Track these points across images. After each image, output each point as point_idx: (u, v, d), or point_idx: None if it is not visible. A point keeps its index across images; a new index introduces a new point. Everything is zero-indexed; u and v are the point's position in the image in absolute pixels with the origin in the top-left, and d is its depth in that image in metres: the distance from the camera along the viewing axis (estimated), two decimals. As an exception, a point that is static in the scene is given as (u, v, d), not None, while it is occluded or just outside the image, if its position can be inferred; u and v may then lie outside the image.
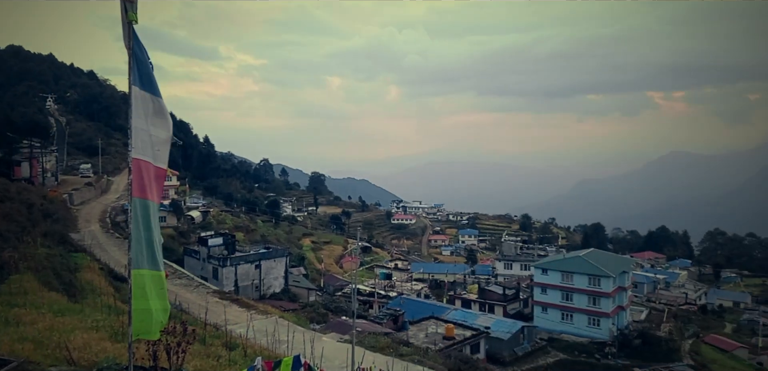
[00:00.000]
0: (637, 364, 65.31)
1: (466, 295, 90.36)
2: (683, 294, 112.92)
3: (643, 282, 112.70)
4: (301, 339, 24.30)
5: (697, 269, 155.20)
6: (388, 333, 46.34)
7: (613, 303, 75.54)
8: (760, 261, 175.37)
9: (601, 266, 77.00)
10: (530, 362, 62.60)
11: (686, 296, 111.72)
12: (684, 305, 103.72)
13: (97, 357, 13.22)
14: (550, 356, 65.78)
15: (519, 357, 62.87)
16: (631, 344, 71.41)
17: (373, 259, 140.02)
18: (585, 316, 76.03)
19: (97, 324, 18.07)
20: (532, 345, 67.41)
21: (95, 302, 24.01)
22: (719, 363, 69.92)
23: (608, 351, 69.00)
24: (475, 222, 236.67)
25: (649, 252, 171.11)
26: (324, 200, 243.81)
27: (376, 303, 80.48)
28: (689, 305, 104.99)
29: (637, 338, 73.04)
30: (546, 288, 79.89)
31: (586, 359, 66.73)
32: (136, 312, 7.76)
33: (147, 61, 8.00)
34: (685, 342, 77.32)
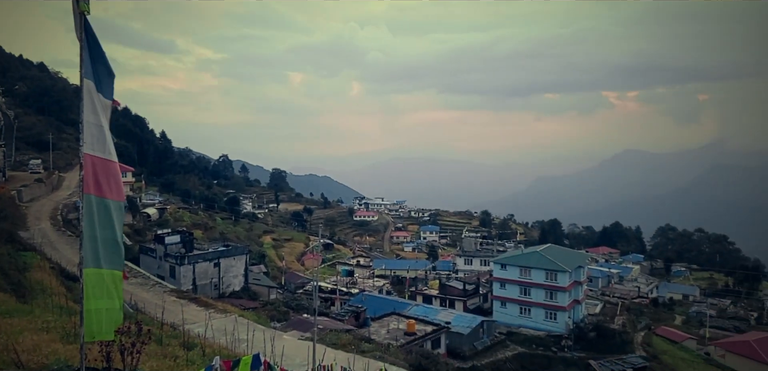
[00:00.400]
0: (592, 356, 67.21)
1: (428, 291, 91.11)
2: (636, 288, 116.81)
3: (597, 276, 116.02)
4: (261, 338, 24.06)
5: (649, 264, 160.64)
6: (349, 329, 46.34)
7: (569, 297, 77.46)
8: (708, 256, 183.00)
9: (557, 261, 78.78)
10: (489, 356, 63.66)
11: (638, 289, 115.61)
12: (636, 298, 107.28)
13: (48, 360, 12.78)
14: (508, 349, 67.03)
15: (479, 351, 63.84)
16: (586, 337, 73.41)
17: (335, 256, 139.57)
18: (542, 310, 77.70)
19: (48, 325, 17.44)
20: (491, 339, 68.55)
21: (46, 302, 23.15)
22: (669, 353, 72.66)
23: (564, 344, 70.76)
24: (436, 219, 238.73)
25: (603, 247, 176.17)
26: (285, 197, 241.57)
27: (337, 300, 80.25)
28: (641, 298, 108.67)
29: (592, 331, 75.13)
30: (505, 283, 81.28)
31: (544, 352, 68.27)
32: (88, 312, 7.54)
33: (101, 54, 7.77)
34: (638, 334, 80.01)
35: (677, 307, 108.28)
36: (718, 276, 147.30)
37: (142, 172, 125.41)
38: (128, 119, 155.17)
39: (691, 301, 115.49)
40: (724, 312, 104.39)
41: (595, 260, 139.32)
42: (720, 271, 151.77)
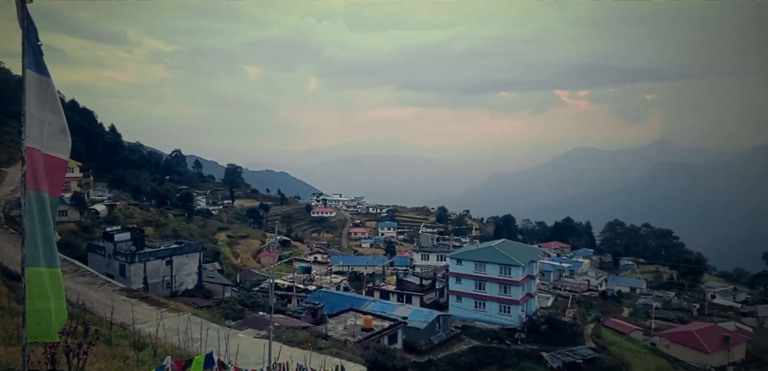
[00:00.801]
0: (544, 349, 69.02)
1: (385, 287, 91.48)
2: (586, 281, 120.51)
3: (549, 270, 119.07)
4: (215, 337, 23.69)
5: (598, 258, 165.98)
6: (306, 327, 46.08)
7: (522, 291, 79.25)
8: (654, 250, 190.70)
9: (511, 255, 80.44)
10: (445, 350, 64.50)
11: (588, 283, 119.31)
12: (586, 291, 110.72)
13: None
14: (464, 343, 68.05)
15: (435, 346, 64.60)
16: (538, 329, 75.31)
17: (292, 253, 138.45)
18: (497, 304, 79.22)
19: (-12, 327, 16.68)
20: (447, 333, 69.45)
21: (-15, 303, 22.12)
22: (618, 344, 75.34)
23: (518, 336, 72.40)
24: (394, 215, 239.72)
25: (555, 242, 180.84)
26: (241, 193, 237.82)
27: (294, 297, 79.71)
28: (591, 291, 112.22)
29: (545, 323, 77.12)
30: (460, 278, 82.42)
31: (498, 345, 69.67)
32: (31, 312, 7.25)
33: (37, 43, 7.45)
34: (588, 326, 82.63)
35: (625, 299, 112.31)
36: (663, 269, 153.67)
37: (90, 167, 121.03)
38: (75, 112, 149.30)
39: (638, 294, 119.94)
40: (669, 304, 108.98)
41: (547, 255, 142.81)
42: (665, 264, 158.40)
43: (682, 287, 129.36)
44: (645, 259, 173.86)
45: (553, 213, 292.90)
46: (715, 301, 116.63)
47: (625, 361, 68.82)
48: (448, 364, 60.15)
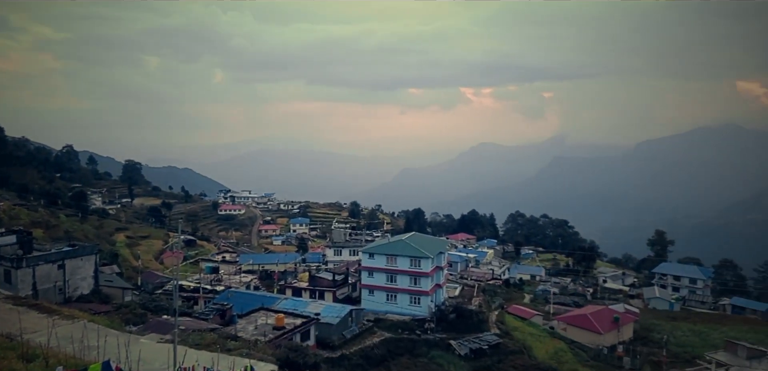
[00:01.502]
0: (452, 337, 71.46)
1: (297, 284, 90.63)
2: (490, 270, 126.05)
3: (457, 261, 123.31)
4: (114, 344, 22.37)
5: (501, 248, 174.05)
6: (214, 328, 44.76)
7: (431, 282, 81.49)
8: (551, 239, 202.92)
9: (421, 248, 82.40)
10: (358, 343, 65.01)
11: (493, 272, 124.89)
12: (491, 280, 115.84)
13: None
14: (376, 336, 68.93)
15: (347, 340, 64.92)
16: (447, 318, 77.80)
17: (199, 252, 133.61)
18: (407, 296, 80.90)
19: None
20: (359, 326, 70.01)
21: None
22: (520, 330, 79.55)
23: (427, 326, 74.40)
24: (306, 211, 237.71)
25: (462, 234, 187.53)
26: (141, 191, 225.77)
27: (201, 298, 77.04)
28: (495, 280, 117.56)
29: (452, 312, 79.79)
30: (373, 272, 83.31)
31: (409, 336, 71.22)
32: None
33: None
34: (492, 313, 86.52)
35: (526, 286, 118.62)
36: (560, 257, 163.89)
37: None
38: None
39: (537, 280, 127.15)
40: (566, 289, 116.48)
41: (454, 246, 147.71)
42: (562, 252, 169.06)
43: (577, 273, 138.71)
44: (544, 248, 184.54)
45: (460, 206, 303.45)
46: (607, 285, 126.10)
47: (527, 345, 72.86)
48: (360, 357, 60.72)
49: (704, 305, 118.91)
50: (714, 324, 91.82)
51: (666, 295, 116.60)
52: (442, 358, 65.56)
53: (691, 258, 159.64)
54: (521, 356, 68.67)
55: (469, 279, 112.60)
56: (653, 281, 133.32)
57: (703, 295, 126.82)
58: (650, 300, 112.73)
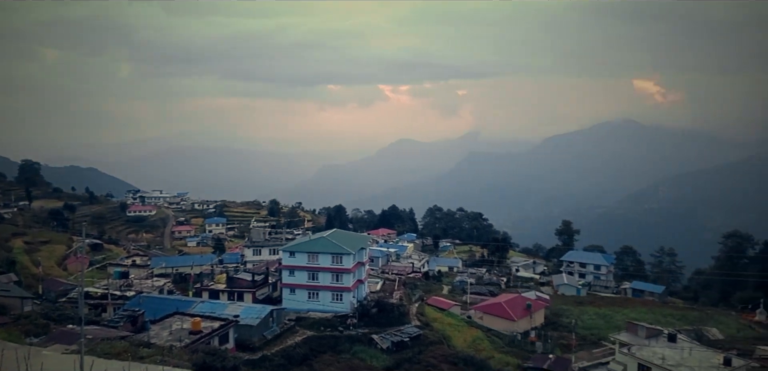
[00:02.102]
0: (374, 331, 71.99)
1: (214, 286, 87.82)
2: (410, 264, 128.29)
3: (378, 256, 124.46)
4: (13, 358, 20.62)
5: (421, 242, 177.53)
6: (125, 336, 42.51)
7: (353, 278, 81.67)
8: (467, 232, 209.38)
9: (342, 245, 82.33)
10: (280, 343, 63.98)
11: (413, 265, 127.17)
12: (411, 273, 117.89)
13: None
14: (298, 335, 68.16)
15: (268, 341, 63.73)
16: (369, 313, 78.26)
17: (106, 257, 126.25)
18: (329, 293, 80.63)
19: None
20: (280, 326, 68.94)
21: None
22: (439, 320, 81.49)
23: (350, 322, 74.51)
24: (222, 210, 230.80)
25: (383, 229, 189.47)
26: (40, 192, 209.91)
27: (110, 305, 72.84)
28: (415, 273, 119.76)
29: (374, 307, 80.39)
30: (294, 270, 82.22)
31: (331, 333, 71.00)
32: None
33: None
34: (413, 305, 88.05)
35: (444, 278, 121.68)
36: (476, 248, 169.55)
37: None
38: None
39: (455, 272, 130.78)
40: (482, 279, 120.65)
41: (375, 242, 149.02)
42: (477, 244, 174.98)
43: (492, 263, 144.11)
44: (461, 240, 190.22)
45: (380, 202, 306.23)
46: (519, 274, 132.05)
47: (446, 335, 74.80)
48: (282, 357, 59.77)
49: (608, 289, 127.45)
50: (617, 306, 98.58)
51: (573, 281, 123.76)
52: (364, 353, 65.90)
53: (595, 246, 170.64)
54: (441, 346, 70.36)
55: (390, 273, 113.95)
56: (562, 268, 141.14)
57: (606, 280, 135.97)
58: (559, 286, 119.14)
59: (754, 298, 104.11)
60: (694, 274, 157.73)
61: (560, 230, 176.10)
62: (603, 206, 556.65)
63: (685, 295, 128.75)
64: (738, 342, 77.04)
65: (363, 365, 62.59)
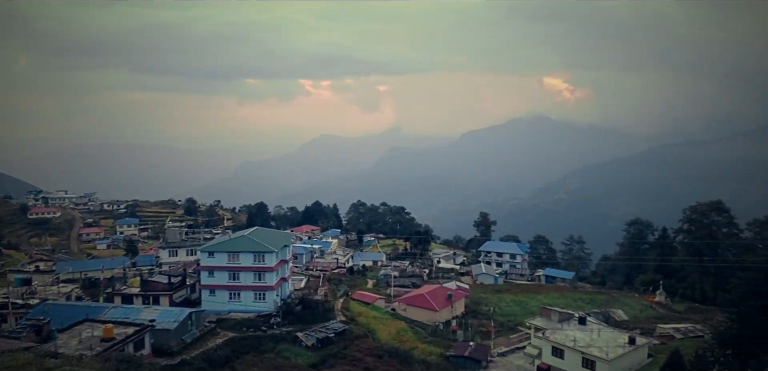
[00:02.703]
0: (299, 329, 71.33)
1: (127, 290, 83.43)
2: (335, 260, 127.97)
3: (302, 253, 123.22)
4: None
5: (345, 237, 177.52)
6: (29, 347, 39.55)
7: (276, 276, 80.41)
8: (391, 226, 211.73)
9: (264, 243, 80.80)
10: (200, 347, 61.91)
11: (337, 261, 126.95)
12: (336, 269, 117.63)
13: None
14: (219, 337, 66.26)
15: (188, 345, 61.52)
16: (293, 311, 77.44)
17: (5, 263, 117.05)
18: (252, 292, 78.93)
19: None
20: (200, 329, 66.72)
21: None
22: (364, 314, 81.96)
23: (273, 321, 73.35)
24: (134, 210, 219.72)
25: (306, 225, 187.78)
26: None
27: (11, 314, 67.39)
28: (340, 268, 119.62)
29: (299, 304, 79.65)
30: (213, 271, 79.75)
31: (254, 333, 69.57)
32: None
33: None
34: (338, 301, 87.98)
35: (369, 272, 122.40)
36: (399, 242, 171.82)
37: None
38: None
39: (379, 266, 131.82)
40: (405, 272, 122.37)
41: (299, 239, 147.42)
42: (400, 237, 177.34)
43: (414, 256, 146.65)
44: (384, 234, 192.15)
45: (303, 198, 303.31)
46: (441, 265, 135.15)
47: (371, 328, 75.40)
48: (203, 361, 57.93)
49: (523, 277, 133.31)
50: (532, 293, 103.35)
51: (491, 271, 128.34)
52: (289, 351, 65.18)
53: (511, 236, 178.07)
54: (366, 339, 70.85)
55: (315, 270, 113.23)
56: (480, 258, 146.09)
57: (521, 268, 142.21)
58: (478, 275, 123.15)
59: (654, 280, 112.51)
60: (601, 260, 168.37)
61: (478, 222, 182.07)
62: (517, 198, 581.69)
63: (593, 280, 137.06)
64: (641, 322, 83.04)
65: (288, 364, 61.88)
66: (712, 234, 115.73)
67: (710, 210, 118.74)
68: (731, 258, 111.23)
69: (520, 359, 67.79)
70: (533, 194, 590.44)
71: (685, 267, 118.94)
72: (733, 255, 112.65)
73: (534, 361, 64.17)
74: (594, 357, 58.62)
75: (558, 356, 62.08)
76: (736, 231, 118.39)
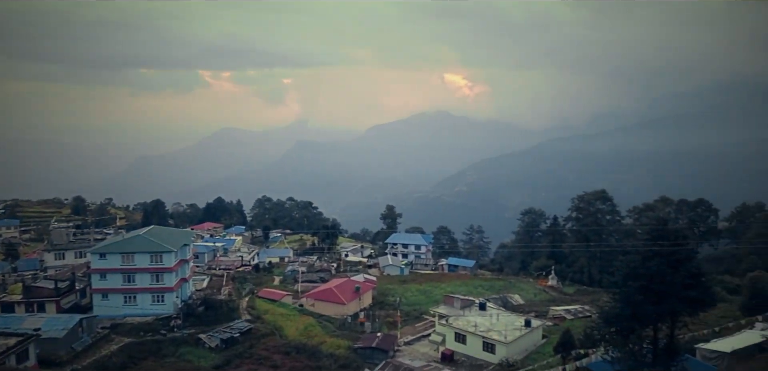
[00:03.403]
0: (201, 330, 68.87)
1: (7, 298, 76.39)
2: (239, 257, 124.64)
3: (203, 251, 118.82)
4: None
5: (250, 234, 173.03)
6: None
7: (176, 277, 77.05)
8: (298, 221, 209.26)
9: (162, 242, 77.20)
10: (92, 355, 58.12)
11: (242, 258, 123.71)
12: (240, 267, 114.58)
13: None
14: (114, 343, 62.52)
15: (79, 353, 57.50)
16: (195, 313, 74.69)
17: None
18: (149, 295, 75.17)
19: None
20: (92, 336, 62.61)
21: None
22: (271, 312, 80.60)
23: (174, 324, 70.34)
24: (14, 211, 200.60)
25: (208, 223, 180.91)
26: None
27: None
28: (245, 266, 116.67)
29: (201, 305, 76.93)
30: (106, 274, 75.00)
31: (153, 337, 66.32)
32: None
33: None
34: (243, 300, 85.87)
35: (275, 269, 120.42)
36: (306, 237, 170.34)
37: None
38: None
39: (286, 262, 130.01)
40: (313, 267, 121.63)
41: (200, 237, 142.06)
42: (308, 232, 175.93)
43: (322, 250, 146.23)
44: (291, 230, 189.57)
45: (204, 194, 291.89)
46: (348, 259, 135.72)
47: (278, 326, 74.34)
48: (95, 369, 54.42)
49: (427, 267, 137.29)
50: (436, 282, 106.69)
51: (397, 262, 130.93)
52: (191, 354, 62.80)
53: (416, 228, 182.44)
54: (273, 337, 69.80)
55: (218, 269, 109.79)
56: (387, 250, 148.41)
57: (426, 258, 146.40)
58: (385, 267, 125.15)
59: (546, 266, 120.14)
60: (499, 248, 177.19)
61: (384, 215, 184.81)
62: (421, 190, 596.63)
63: (492, 267, 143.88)
64: (535, 306, 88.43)
65: (190, 367, 59.68)
66: (597, 221, 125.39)
67: (595, 199, 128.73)
68: (614, 243, 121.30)
69: (425, 346, 69.82)
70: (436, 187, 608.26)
71: (573, 253, 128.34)
72: (616, 240, 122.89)
73: (438, 348, 66.41)
74: (493, 341, 61.75)
75: (461, 341, 64.73)
76: (618, 218, 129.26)
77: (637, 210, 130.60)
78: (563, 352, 56.47)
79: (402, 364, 60.01)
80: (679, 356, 46.42)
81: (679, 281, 43.90)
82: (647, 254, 46.48)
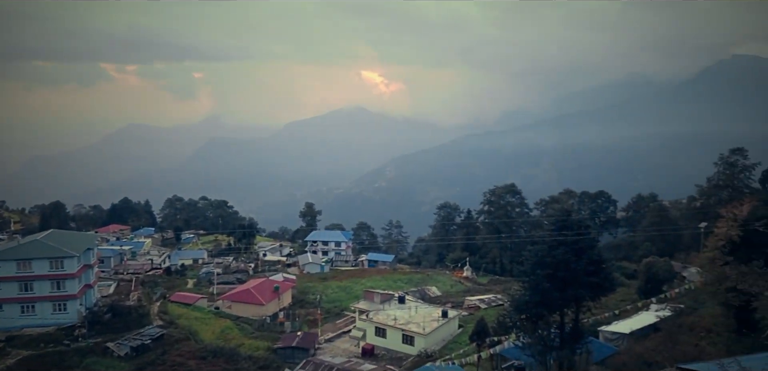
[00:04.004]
0: (109, 338, 65.25)
1: None
2: (149, 261, 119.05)
3: (109, 255, 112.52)
4: None
5: (160, 236, 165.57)
6: None
7: (79, 284, 72.57)
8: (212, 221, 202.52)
9: (63, 247, 72.39)
10: (-16, 372, 53.39)
11: (152, 262, 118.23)
12: (151, 270, 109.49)
13: None
14: (10, 357, 57.85)
15: (-33, 372, 52.62)
16: (101, 320, 70.79)
17: None
18: (49, 303, 70.32)
19: None
20: (-16, 352, 57.48)
21: None
22: (185, 316, 77.65)
23: (78, 333, 66.22)
24: None
25: (114, 225, 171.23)
26: None
27: None
28: (155, 269, 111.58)
29: (108, 312, 72.97)
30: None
31: (55, 348, 62.01)
32: None
33: None
34: (154, 305, 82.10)
35: (189, 272, 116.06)
36: (221, 237, 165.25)
37: None
38: None
39: (200, 264, 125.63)
40: (229, 268, 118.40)
41: (105, 240, 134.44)
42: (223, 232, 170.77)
43: (239, 250, 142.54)
44: (205, 230, 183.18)
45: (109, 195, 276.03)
46: (267, 258, 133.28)
47: (193, 330, 71.84)
48: (-12, 388, 50.06)
49: (348, 263, 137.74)
50: (356, 278, 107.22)
51: (317, 259, 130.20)
52: (98, 364, 59.38)
53: (336, 225, 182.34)
54: (188, 342, 67.38)
55: (126, 273, 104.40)
56: (306, 248, 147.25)
57: (346, 255, 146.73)
58: (305, 265, 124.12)
59: (461, 258, 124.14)
60: (416, 242, 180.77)
61: (304, 212, 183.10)
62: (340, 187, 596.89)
63: (411, 261, 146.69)
64: (452, 297, 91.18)
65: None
66: (507, 214, 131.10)
67: (506, 193, 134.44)
68: (523, 234, 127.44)
69: (346, 342, 70.13)
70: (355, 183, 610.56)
71: (486, 244, 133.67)
72: (525, 231, 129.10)
73: (359, 343, 66.96)
74: (412, 333, 63.14)
75: (381, 335, 65.63)
76: (527, 210, 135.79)
77: (544, 202, 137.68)
78: (478, 340, 58.77)
79: (323, 362, 59.92)
80: (583, 339, 49.70)
81: (582, 268, 46.97)
82: (553, 244, 49.29)
